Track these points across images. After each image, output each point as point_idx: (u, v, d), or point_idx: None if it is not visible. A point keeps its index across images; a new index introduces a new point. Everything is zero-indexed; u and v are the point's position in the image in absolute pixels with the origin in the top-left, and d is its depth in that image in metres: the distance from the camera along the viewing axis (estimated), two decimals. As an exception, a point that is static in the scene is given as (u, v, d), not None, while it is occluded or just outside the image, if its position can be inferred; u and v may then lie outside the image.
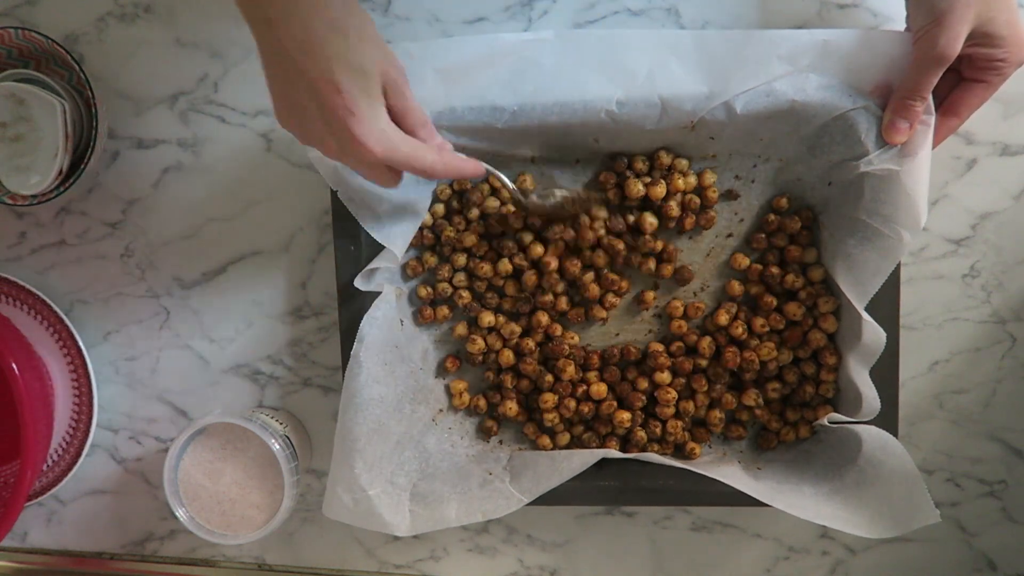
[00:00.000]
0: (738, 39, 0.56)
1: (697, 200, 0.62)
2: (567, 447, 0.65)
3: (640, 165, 0.62)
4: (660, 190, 0.61)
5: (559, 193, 0.61)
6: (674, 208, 0.62)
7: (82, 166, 0.63)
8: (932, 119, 0.54)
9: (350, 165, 0.50)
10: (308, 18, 0.44)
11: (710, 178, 0.62)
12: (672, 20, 0.63)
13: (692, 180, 0.62)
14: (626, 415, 0.63)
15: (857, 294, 0.58)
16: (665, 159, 0.61)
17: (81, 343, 0.68)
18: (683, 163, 0.62)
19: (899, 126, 0.55)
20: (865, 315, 0.57)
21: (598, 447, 0.63)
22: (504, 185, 0.60)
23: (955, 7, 0.50)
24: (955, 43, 0.51)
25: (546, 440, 0.65)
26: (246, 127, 0.67)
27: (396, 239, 0.60)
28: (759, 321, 0.62)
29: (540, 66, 0.58)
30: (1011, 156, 0.63)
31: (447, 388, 0.66)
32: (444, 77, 0.58)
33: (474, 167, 0.54)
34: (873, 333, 0.57)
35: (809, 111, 0.57)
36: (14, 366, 0.60)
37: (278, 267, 0.68)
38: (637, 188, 0.61)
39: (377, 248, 0.61)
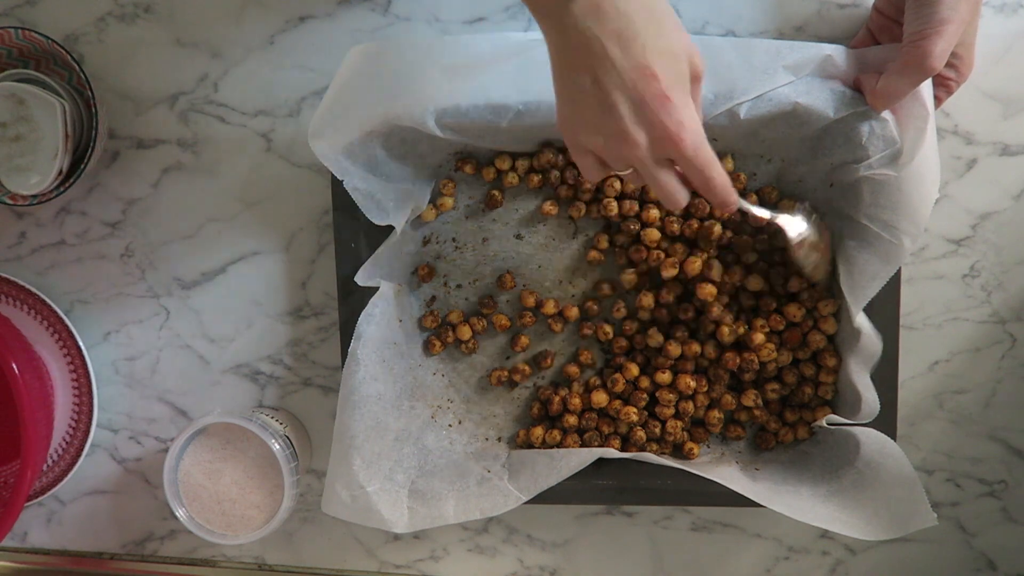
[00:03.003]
0: (745, 47, 0.57)
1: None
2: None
3: None
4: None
5: (816, 234, 0.59)
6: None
7: (82, 166, 0.63)
8: (931, 122, 0.54)
9: (644, 163, 0.46)
10: (624, 6, 0.42)
11: (727, 164, 0.62)
12: (672, 20, 0.63)
13: None
14: (632, 409, 0.63)
15: (855, 297, 0.58)
16: None
17: (81, 343, 0.68)
18: None
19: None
20: (863, 323, 0.57)
21: (600, 446, 0.63)
22: (760, 215, 0.57)
23: (954, 19, 0.50)
24: (946, 55, 0.51)
25: (556, 435, 0.65)
26: (246, 127, 0.67)
27: (399, 222, 0.60)
28: (759, 322, 0.62)
29: (547, 66, 0.58)
30: (1011, 156, 0.63)
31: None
32: (450, 75, 0.58)
33: (735, 201, 0.51)
34: (870, 339, 0.57)
35: (812, 113, 0.57)
36: (14, 366, 0.60)
37: (278, 267, 0.68)
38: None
39: (377, 245, 0.62)
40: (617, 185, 0.62)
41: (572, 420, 0.64)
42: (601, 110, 0.45)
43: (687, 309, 0.62)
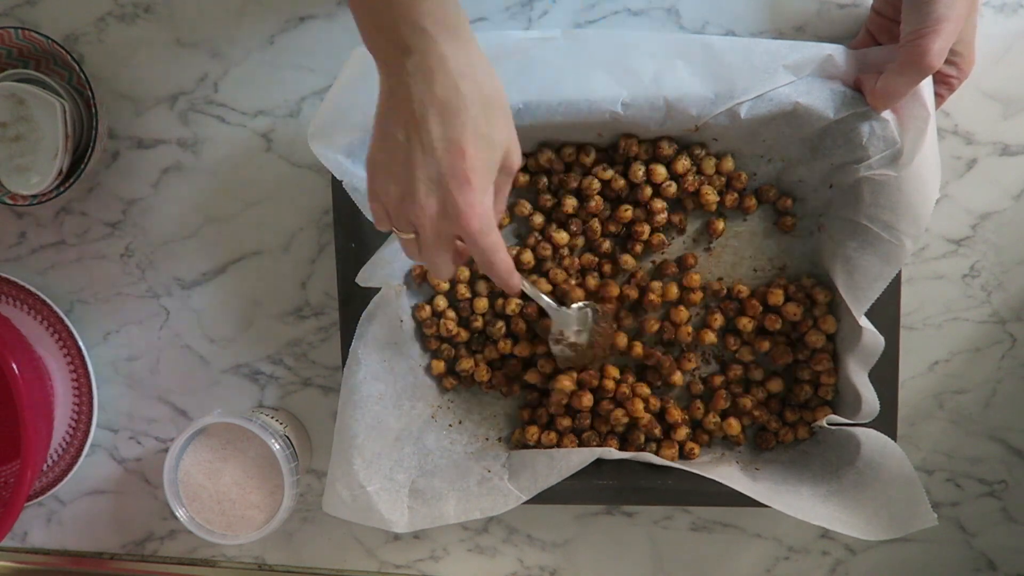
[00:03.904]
0: (746, 47, 0.57)
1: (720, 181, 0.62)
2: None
3: (644, 154, 0.62)
4: (680, 165, 0.61)
5: (591, 315, 0.62)
6: (691, 181, 0.61)
7: (82, 166, 0.63)
8: (931, 122, 0.54)
9: (425, 232, 0.47)
10: (458, 79, 0.43)
11: (728, 164, 0.62)
12: (672, 20, 0.63)
13: (711, 164, 0.62)
14: (621, 412, 0.63)
15: (856, 299, 0.58)
16: (667, 149, 0.61)
17: (81, 343, 0.68)
18: (686, 161, 0.62)
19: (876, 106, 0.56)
20: (864, 322, 0.57)
21: (598, 446, 0.63)
22: (539, 303, 0.60)
23: (951, 17, 0.50)
24: (945, 53, 0.51)
25: (553, 437, 0.65)
26: (246, 127, 0.67)
27: None
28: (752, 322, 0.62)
29: (546, 65, 0.58)
30: (1011, 156, 0.63)
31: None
32: None
33: (516, 281, 0.51)
34: (872, 338, 0.57)
35: (812, 113, 0.57)
36: (14, 366, 0.61)
37: (278, 267, 0.68)
38: (639, 172, 0.61)
39: (377, 245, 0.62)
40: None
41: (566, 422, 0.64)
42: (404, 168, 0.45)
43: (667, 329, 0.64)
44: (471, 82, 0.43)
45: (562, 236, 0.63)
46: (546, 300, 0.60)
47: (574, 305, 0.62)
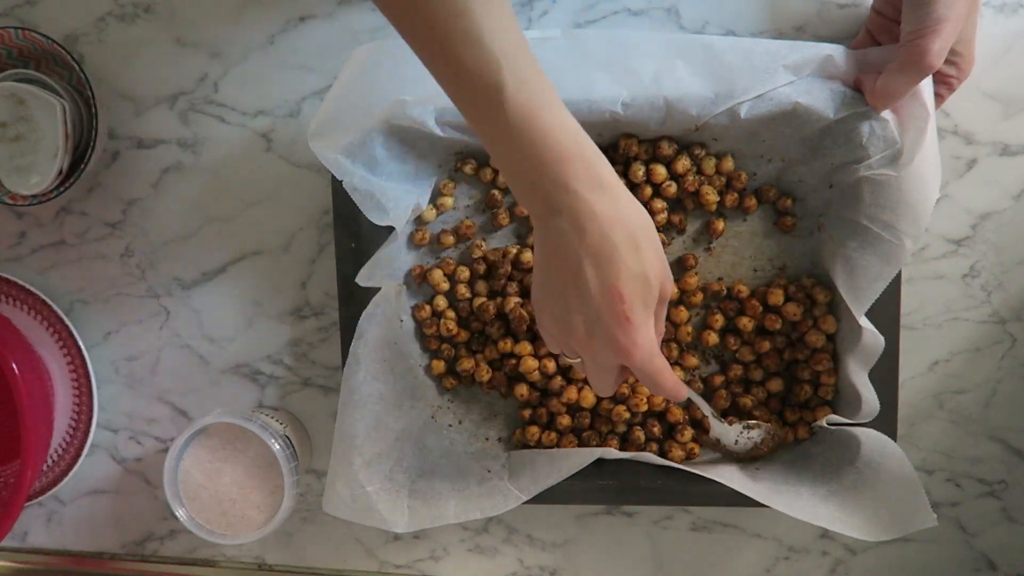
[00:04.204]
0: (746, 47, 0.57)
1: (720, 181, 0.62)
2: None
3: (644, 154, 0.62)
4: (680, 165, 0.61)
5: (758, 433, 0.62)
6: (691, 181, 0.61)
7: (82, 166, 0.63)
8: (931, 122, 0.54)
9: (593, 363, 0.49)
10: (608, 229, 0.45)
11: (728, 164, 0.62)
12: (672, 20, 0.63)
13: (711, 164, 0.62)
14: (623, 408, 0.63)
15: (856, 299, 0.58)
16: (667, 149, 0.61)
17: (81, 343, 0.68)
18: (686, 161, 0.62)
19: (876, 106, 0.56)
20: (864, 322, 0.57)
21: (598, 446, 0.63)
22: (704, 413, 0.61)
23: (951, 17, 0.50)
24: (945, 52, 0.51)
25: (553, 437, 0.65)
26: (246, 127, 0.67)
27: (399, 223, 0.60)
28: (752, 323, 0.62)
29: (546, 65, 0.57)
30: (1011, 156, 0.63)
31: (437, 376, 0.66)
32: None
33: (684, 393, 0.53)
34: (872, 338, 0.57)
35: (812, 113, 0.57)
36: (14, 366, 0.60)
37: (278, 267, 0.68)
38: (639, 172, 0.61)
39: (377, 245, 0.62)
40: None
41: (566, 421, 0.64)
42: (564, 313, 0.48)
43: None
44: (619, 227, 0.45)
45: None
46: (710, 410, 0.60)
47: (736, 425, 0.62)
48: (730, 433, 0.61)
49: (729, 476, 0.60)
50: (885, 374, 0.60)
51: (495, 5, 0.43)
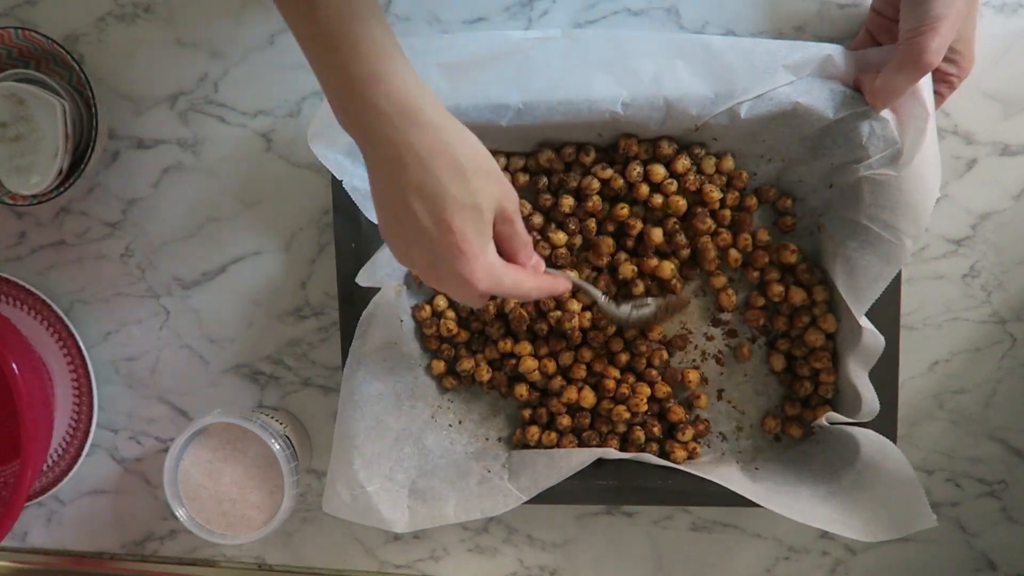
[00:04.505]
0: (746, 47, 0.57)
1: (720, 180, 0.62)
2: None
3: (644, 154, 0.62)
4: (680, 165, 0.61)
5: (651, 302, 0.61)
6: (691, 180, 0.61)
7: (82, 166, 0.63)
8: (931, 122, 0.54)
9: (447, 292, 0.50)
10: (431, 163, 0.44)
11: (728, 163, 0.62)
12: (672, 20, 0.63)
13: (711, 163, 0.62)
14: (623, 408, 0.63)
15: (856, 299, 0.58)
16: (667, 149, 0.61)
17: (81, 343, 0.68)
18: (686, 161, 0.62)
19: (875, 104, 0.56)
20: (864, 322, 0.57)
21: (599, 446, 0.63)
22: (595, 299, 0.60)
23: (949, 15, 0.50)
24: (943, 51, 0.51)
25: (553, 437, 0.65)
26: (246, 127, 0.67)
27: None
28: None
29: (546, 65, 0.58)
30: (1011, 156, 0.63)
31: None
32: (448, 73, 0.58)
33: (564, 284, 0.54)
34: (872, 338, 0.57)
35: (812, 113, 0.57)
36: (14, 366, 0.61)
37: (278, 267, 0.68)
38: (636, 171, 0.61)
39: (377, 245, 0.62)
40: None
41: (566, 421, 0.64)
42: (404, 247, 0.48)
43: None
44: (442, 158, 0.45)
45: (560, 236, 0.63)
46: (598, 293, 0.59)
47: (625, 306, 0.61)
48: (621, 312, 0.61)
49: (728, 477, 0.60)
50: (885, 374, 0.60)
51: None
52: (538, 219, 0.64)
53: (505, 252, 0.51)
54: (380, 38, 0.43)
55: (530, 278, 0.51)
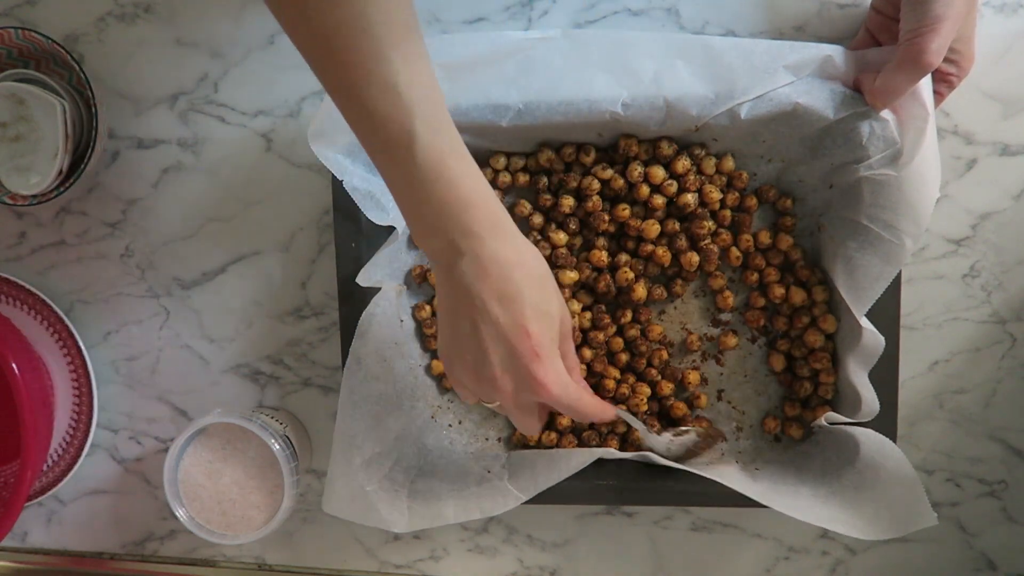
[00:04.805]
0: (746, 47, 0.57)
1: (721, 180, 0.62)
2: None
3: (644, 155, 0.62)
4: (680, 165, 0.61)
5: (690, 431, 0.61)
6: (692, 180, 0.61)
7: (82, 166, 0.63)
8: (931, 122, 0.54)
9: (508, 403, 0.50)
10: (509, 270, 0.46)
11: (728, 164, 0.62)
12: (672, 20, 0.63)
13: (711, 164, 0.62)
14: (621, 407, 0.63)
15: (857, 299, 0.58)
16: (667, 150, 0.61)
17: (81, 343, 0.68)
18: (686, 161, 0.62)
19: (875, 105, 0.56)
20: (865, 322, 0.57)
21: (598, 445, 0.63)
22: (637, 428, 0.60)
23: (950, 15, 0.50)
24: (943, 51, 0.51)
25: (552, 437, 0.65)
26: (246, 127, 0.67)
27: (400, 222, 0.61)
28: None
29: (547, 65, 0.58)
30: (1011, 156, 0.63)
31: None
32: (449, 73, 0.58)
33: (612, 412, 0.55)
34: (872, 338, 0.57)
35: (812, 114, 0.57)
36: (14, 366, 0.61)
37: (278, 267, 0.68)
38: (637, 171, 0.61)
39: (377, 245, 0.62)
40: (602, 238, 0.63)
41: (565, 421, 0.64)
42: (476, 355, 0.48)
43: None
44: (521, 268, 0.47)
45: (560, 236, 0.63)
46: (638, 424, 0.60)
47: (666, 434, 0.61)
48: (660, 442, 0.61)
49: (729, 476, 0.60)
50: (885, 374, 0.60)
51: (413, 54, 0.44)
52: (538, 219, 0.64)
53: None
54: (474, 166, 0.47)
55: (590, 397, 0.51)
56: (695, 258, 0.62)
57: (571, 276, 0.62)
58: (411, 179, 0.45)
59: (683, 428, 0.62)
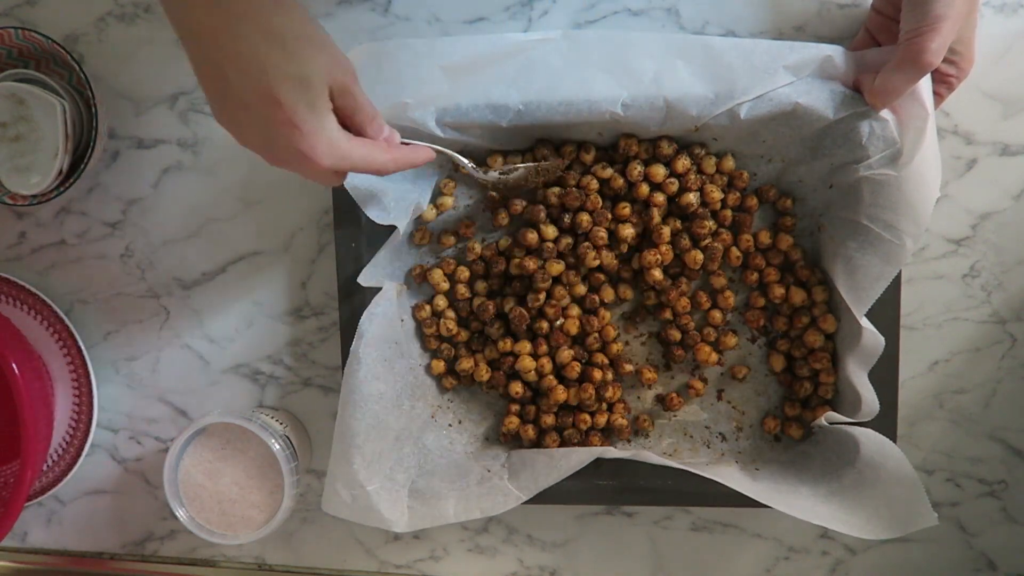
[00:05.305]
0: (746, 47, 0.57)
1: (722, 180, 0.62)
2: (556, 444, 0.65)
3: (644, 153, 0.62)
4: (680, 165, 0.61)
5: (521, 166, 0.60)
6: (692, 180, 0.61)
7: (82, 166, 0.63)
8: (930, 122, 0.54)
9: (294, 171, 0.47)
10: (239, 29, 0.41)
11: (728, 163, 0.62)
12: (672, 20, 0.63)
13: (711, 163, 0.62)
14: (586, 416, 0.63)
15: (857, 300, 0.58)
16: (667, 149, 0.61)
17: (81, 343, 0.68)
18: (686, 161, 0.62)
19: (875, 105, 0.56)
20: (865, 322, 0.57)
21: (579, 443, 0.63)
22: (460, 164, 0.59)
23: (950, 15, 0.50)
24: (943, 51, 0.51)
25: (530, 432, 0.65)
26: (246, 127, 0.66)
27: (400, 221, 0.61)
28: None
29: (546, 65, 0.58)
30: (1011, 156, 0.63)
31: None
32: (450, 74, 0.58)
33: (425, 154, 0.52)
34: (872, 338, 0.57)
35: (812, 114, 0.57)
36: (14, 366, 0.60)
37: (278, 267, 0.68)
38: (637, 170, 0.61)
39: (378, 245, 0.62)
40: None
41: (549, 420, 0.64)
42: (239, 127, 0.44)
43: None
44: (254, 26, 0.41)
45: (550, 231, 0.63)
46: (464, 160, 0.58)
47: (493, 172, 0.60)
48: (490, 177, 0.60)
49: (729, 476, 0.60)
50: (885, 374, 0.60)
51: None
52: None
53: (352, 128, 0.47)
54: None
55: (383, 151, 0.48)
56: (699, 256, 0.62)
57: (557, 267, 0.62)
58: None
59: (512, 166, 0.60)
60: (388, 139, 0.50)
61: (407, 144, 0.51)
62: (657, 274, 0.61)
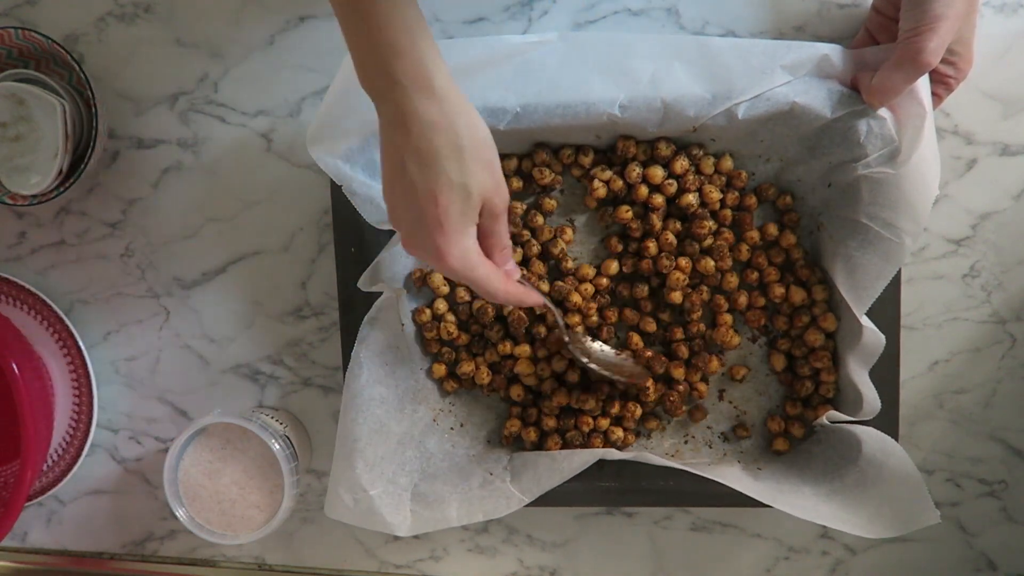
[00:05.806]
0: (743, 47, 0.57)
1: (720, 180, 0.62)
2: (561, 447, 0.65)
3: (642, 155, 0.62)
4: (678, 166, 0.61)
5: (615, 359, 0.61)
6: (691, 180, 0.61)
7: (82, 166, 0.63)
8: (929, 120, 0.54)
9: (424, 260, 0.51)
10: (432, 134, 0.46)
11: (726, 163, 0.62)
12: (672, 20, 0.63)
13: (709, 164, 0.62)
14: (588, 418, 0.63)
15: (857, 298, 0.58)
16: (665, 150, 0.61)
17: (81, 343, 0.68)
18: (684, 162, 0.62)
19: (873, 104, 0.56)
20: (865, 321, 0.57)
21: (582, 445, 0.63)
22: (557, 325, 0.60)
23: (949, 15, 0.50)
24: (941, 51, 0.51)
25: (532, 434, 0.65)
26: (246, 127, 0.67)
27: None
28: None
29: (544, 68, 0.58)
30: (1011, 156, 0.63)
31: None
32: None
33: (534, 299, 0.55)
34: (872, 337, 0.57)
35: (810, 113, 0.57)
36: (14, 366, 0.60)
37: (278, 267, 0.68)
38: (636, 172, 0.61)
39: (378, 249, 0.62)
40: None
41: (550, 422, 0.64)
42: (396, 201, 0.49)
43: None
44: (444, 134, 0.46)
45: (539, 220, 0.63)
46: (561, 322, 0.60)
47: (596, 343, 0.61)
48: (589, 346, 0.61)
49: (731, 476, 0.60)
50: (885, 374, 0.60)
51: None
52: (540, 219, 0.64)
53: (484, 248, 0.51)
54: (406, 12, 0.45)
55: (501, 280, 0.51)
56: (710, 264, 0.61)
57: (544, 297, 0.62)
58: (344, 9, 0.45)
59: (613, 348, 0.61)
60: (509, 272, 0.54)
61: (522, 284, 0.55)
62: (677, 296, 0.62)
